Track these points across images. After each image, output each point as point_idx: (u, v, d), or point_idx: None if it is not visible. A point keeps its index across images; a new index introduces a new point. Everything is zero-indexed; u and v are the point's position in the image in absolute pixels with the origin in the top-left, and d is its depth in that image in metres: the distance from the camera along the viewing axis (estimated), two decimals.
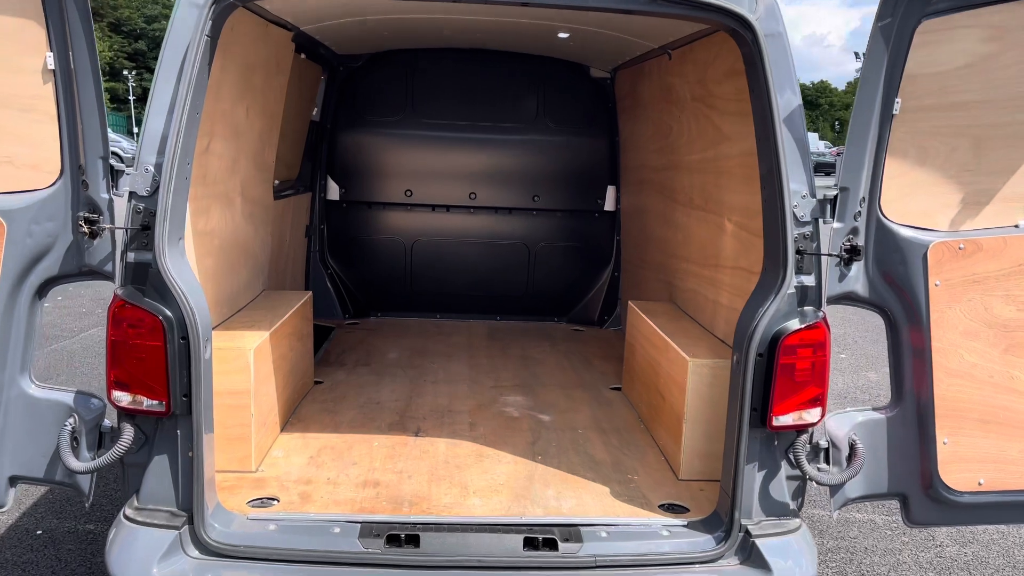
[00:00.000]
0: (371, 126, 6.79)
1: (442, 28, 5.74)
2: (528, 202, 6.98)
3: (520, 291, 7.14)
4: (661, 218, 5.61)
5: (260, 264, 4.93)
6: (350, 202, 6.91)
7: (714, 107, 4.38)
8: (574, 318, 7.20)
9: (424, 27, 5.71)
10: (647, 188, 6.02)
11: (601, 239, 7.11)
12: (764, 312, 3.25)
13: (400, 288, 7.07)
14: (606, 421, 4.72)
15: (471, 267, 7.07)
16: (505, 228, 7.05)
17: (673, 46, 4.91)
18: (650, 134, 5.83)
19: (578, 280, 7.16)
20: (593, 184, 6.98)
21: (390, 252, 7.02)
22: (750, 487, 3.36)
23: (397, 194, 6.91)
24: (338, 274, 7.01)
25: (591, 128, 6.90)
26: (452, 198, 6.94)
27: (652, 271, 5.87)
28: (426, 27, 5.71)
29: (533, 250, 7.08)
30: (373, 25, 5.59)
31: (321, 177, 6.82)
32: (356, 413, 4.68)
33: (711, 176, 4.51)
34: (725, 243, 4.28)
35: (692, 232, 4.87)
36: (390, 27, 5.71)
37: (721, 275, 4.32)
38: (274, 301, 4.77)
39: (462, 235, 7.03)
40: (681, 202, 5.11)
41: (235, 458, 3.79)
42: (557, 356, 6.08)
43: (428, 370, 5.59)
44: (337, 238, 6.97)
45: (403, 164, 6.87)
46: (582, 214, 7.06)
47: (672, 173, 5.32)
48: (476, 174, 6.91)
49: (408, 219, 6.99)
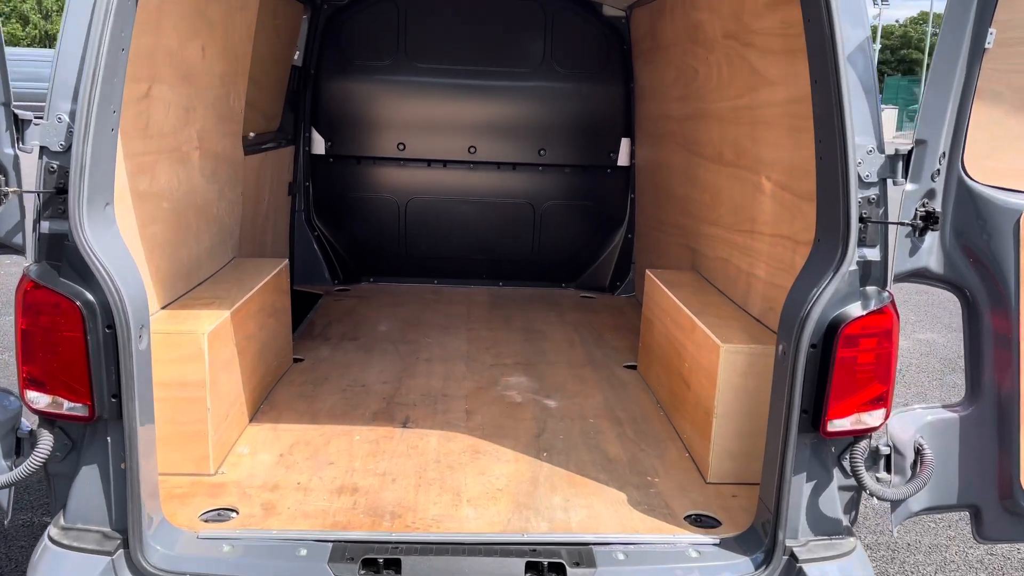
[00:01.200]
0: (359, 72, 6.13)
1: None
2: (533, 156, 6.33)
3: (525, 255, 6.54)
4: (683, 175, 4.98)
5: (227, 229, 4.34)
6: (337, 156, 6.28)
7: (752, 45, 3.72)
8: (583, 284, 6.60)
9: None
10: (667, 141, 5.37)
11: (614, 197, 6.48)
12: (819, 294, 2.66)
13: (393, 251, 6.47)
14: (620, 407, 4.16)
15: (471, 228, 6.46)
16: (508, 185, 6.42)
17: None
18: (671, 79, 5.17)
19: (588, 243, 6.55)
20: (605, 136, 6.33)
21: (382, 212, 6.41)
22: (796, 502, 2.81)
23: (389, 148, 6.28)
24: (325, 236, 6.42)
25: (603, 74, 6.22)
26: (449, 152, 6.30)
27: (672, 235, 5.26)
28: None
29: (539, 210, 6.46)
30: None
31: (305, 129, 6.18)
32: (337, 399, 4.13)
33: (746, 127, 3.87)
34: (763, 206, 3.67)
35: (721, 192, 4.24)
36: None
37: (757, 243, 3.71)
38: (243, 272, 4.19)
39: (461, 193, 6.41)
40: (708, 157, 4.47)
41: (190, 459, 3.25)
42: (565, 328, 5.50)
43: (422, 345, 5.02)
44: (324, 197, 6.36)
45: (395, 114, 6.22)
46: (593, 170, 6.42)
47: (697, 124, 4.67)
48: (476, 126, 6.26)
49: (401, 176, 6.37)
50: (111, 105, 2.59)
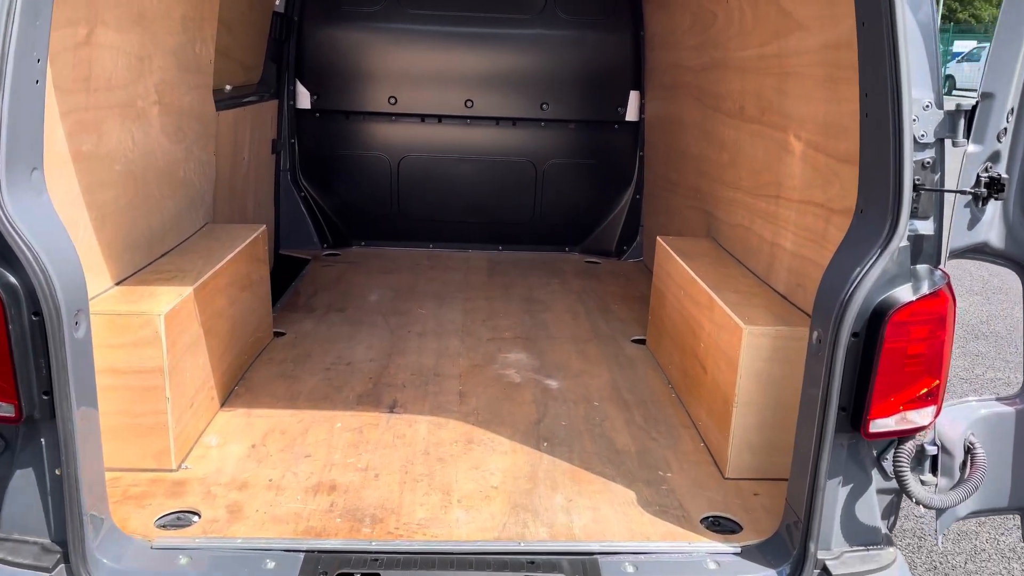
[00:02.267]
0: (347, 18, 5.67)
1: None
2: (535, 111, 5.90)
3: (525, 217, 6.15)
4: (699, 131, 4.56)
5: (198, 192, 3.95)
6: (324, 111, 5.85)
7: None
8: (588, 248, 6.22)
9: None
10: (681, 94, 4.94)
11: (621, 155, 6.05)
12: (862, 274, 2.29)
13: (385, 213, 6.08)
14: (628, 389, 3.81)
15: (468, 189, 6.06)
16: (508, 142, 6.00)
17: None
18: (687, 26, 4.71)
19: (593, 204, 6.14)
20: (613, 89, 5.88)
21: (373, 171, 6.00)
22: (830, 508, 2.47)
23: (380, 102, 5.84)
24: (312, 197, 6.02)
25: (611, 21, 5.75)
26: (445, 106, 5.86)
27: (685, 197, 4.86)
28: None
29: (541, 168, 6.04)
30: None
31: (289, 82, 5.74)
32: (319, 380, 3.78)
33: (772, 78, 3.45)
34: (791, 168, 3.26)
35: (742, 151, 3.83)
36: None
37: (784, 210, 3.32)
38: (215, 240, 3.82)
39: (457, 151, 5.99)
40: (727, 112, 4.05)
41: (149, 454, 2.92)
42: (568, 298, 5.14)
43: (414, 318, 4.66)
44: (310, 154, 5.94)
45: (386, 65, 5.77)
46: (599, 125, 5.99)
47: (715, 75, 4.24)
48: (473, 78, 5.81)
49: (393, 132, 5.94)
50: (34, 52, 2.19)
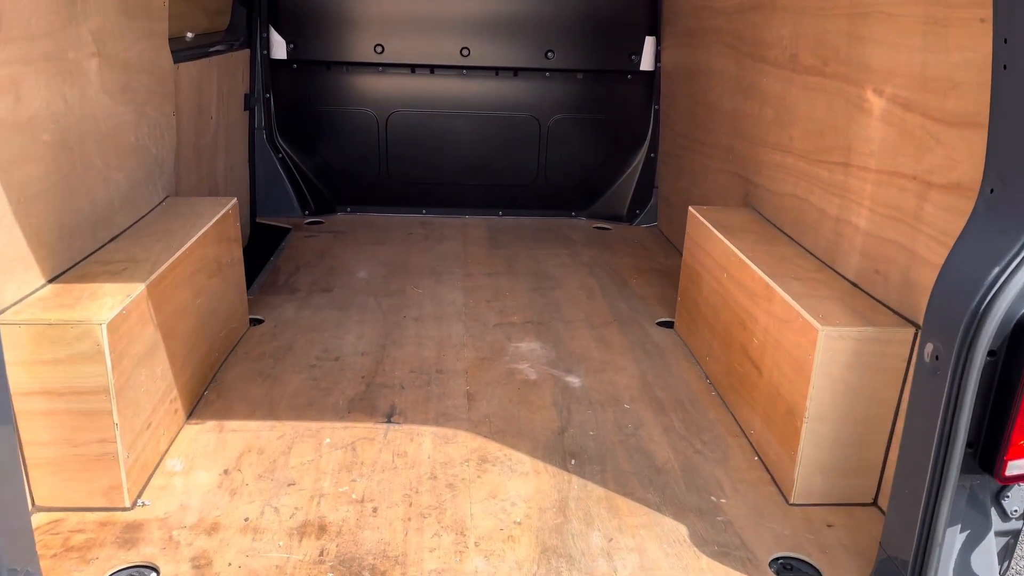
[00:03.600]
0: None
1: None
2: (539, 60, 5.28)
3: (529, 178, 5.57)
4: (733, 83, 3.98)
5: (154, 160, 3.35)
6: (302, 62, 5.20)
7: None
8: (597, 212, 5.66)
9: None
10: (709, 40, 4.34)
11: (634, 109, 5.46)
12: (1004, 276, 1.77)
13: (373, 176, 5.48)
14: (661, 385, 3.31)
15: (464, 147, 5.47)
16: (509, 95, 5.39)
17: None
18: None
19: (604, 163, 5.57)
20: (625, 34, 5.27)
21: (358, 128, 5.38)
22: (945, 561, 1.99)
23: (364, 50, 5.19)
24: (292, 159, 5.41)
25: None
26: (437, 55, 5.23)
27: (713, 158, 4.30)
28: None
29: (545, 124, 5.45)
30: None
31: (261, 28, 5.07)
32: (303, 380, 3.25)
33: (841, 21, 2.87)
34: (867, 130, 2.71)
35: (794, 108, 3.26)
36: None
37: (855, 180, 2.77)
38: (176, 217, 3.24)
39: (452, 105, 5.38)
40: (773, 61, 3.47)
41: (97, 491, 2.39)
42: (579, 271, 4.60)
43: (409, 298, 4.12)
44: (287, 111, 5.31)
45: (371, 9, 5.12)
46: (610, 76, 5.38)
47: (757, 17, 3.64)
48: (468, 22, 5.18)
49: (380, 84, 5.31)
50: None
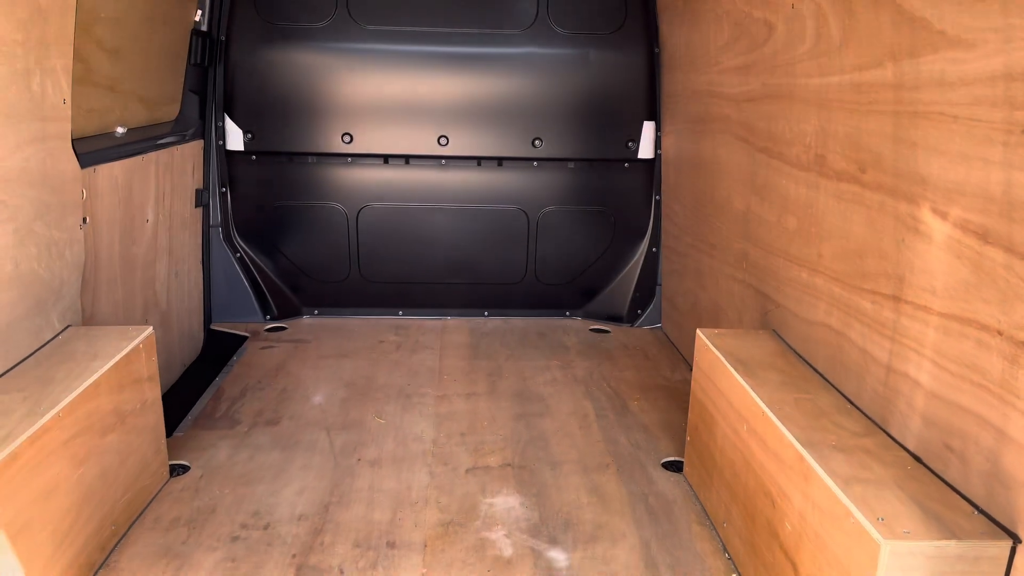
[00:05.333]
0: (287, 37, 4.53)
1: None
2: (526, 148, 4.76)
3: (517, 276, 5.00)
4: (745, 181, 3.42)
5: (46, 286, 2.77)
6: (261, 153, 4.70)
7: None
8: (595, 312, 5.07)
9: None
10: (716, 129, 3.80)
11: (633, 200, 4.92)
12: None
13: (342, 276, 4.92)
14: (669, 562, 2.65)
15: (445, 244, 4.92)
16: (493, 186, 4.87)
17: None
18: (723, 41, 3.58)
19: (600, 259, 5.00)
20: (621, 120, 4.76)
21: (326, 225, 4.85)
22: None
23: (331, 140, 4.69)
24: (251, 258, 4.85)
25: (617, 35, 4.63)
26: (413, 145, 4.72)
27: (724, 262, 3.71)
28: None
29: (535, 217, 4.91)
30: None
31: (216, 117, 4.58)
32: (218, 562, 2.60)
33: (885, 120, 2.30)
34: (925, 259, 2.12)
35: (823, 218, 2.69)
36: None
37: (912, 322, 2.17)
38: (64, 360, 2.64)
39: (429, 197, 4.85)
40: (794, 161, 2.91)
41: None
42: (573, 389, 3.98)
43: (368, 433, 3.50)
44: (246, 206, 4.78)
45: (338, 94, 4.63)
46: (605, 165, 4.86)
47: (772, 108, 3.10)
48: (447, 109, 4.68)
49: (350, 177, 4.79)
50: None
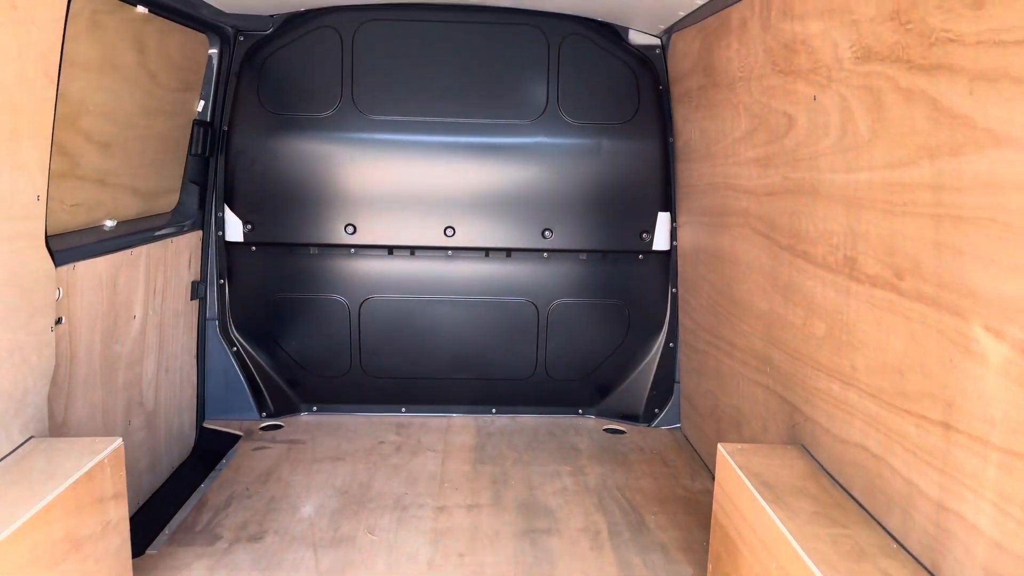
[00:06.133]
0: (290, 127, 4.42)
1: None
2: (535, 239, 4.57)
3: (527, 371, 4.75)
4: (767, 279, 3.18)
5: (7, 396, 2.56)
6: (261, 244, 4.54)
7: (950, 68, 1.94)
8: (609, 410, 4.79)
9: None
10: (734, 223, 3.59)
11: (648, 293, 4.69)
12: None
13: (343, 371, 4.69)
14: None
15: (451, 337, 4.69)
16: (501, 278, 4.66)
17: None
18: (741, 132, 3.41)
19: (614, 354, 4.75)
20: (635, 210, 4.57)
21: (327, 317, 4.64)
22: None
23: (334, 231, 4.53)
24: (248, 352, 4.64)
25: (630, 124, 4.49)
26: (419, 236, 4.55)
27: (746, 365, 3.44)
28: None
29: (545, 310, 4.68)
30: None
31: (216, 208, 4.45)
32: None
33: (921, 223, 2.08)
34: (982, 384, 1.85)
35: (856, 326, 2.43)
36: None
37: (969, 455, 1.89)
38: (17, 479, 2.40)
39: (435, 290, 4.65)
40: (820, 261, 2.67)
41: None
42: (584, 502, 3.67)
43: (359, 552, 3.19)
44: (245, 298, 4.60)
45: (341, 185, 4.49)
46: (618, 256, 4.65)
47: (795, 204, 2.89)
48: (454, 199, 4.52)
49: (352, 268, 4.61)
50: None
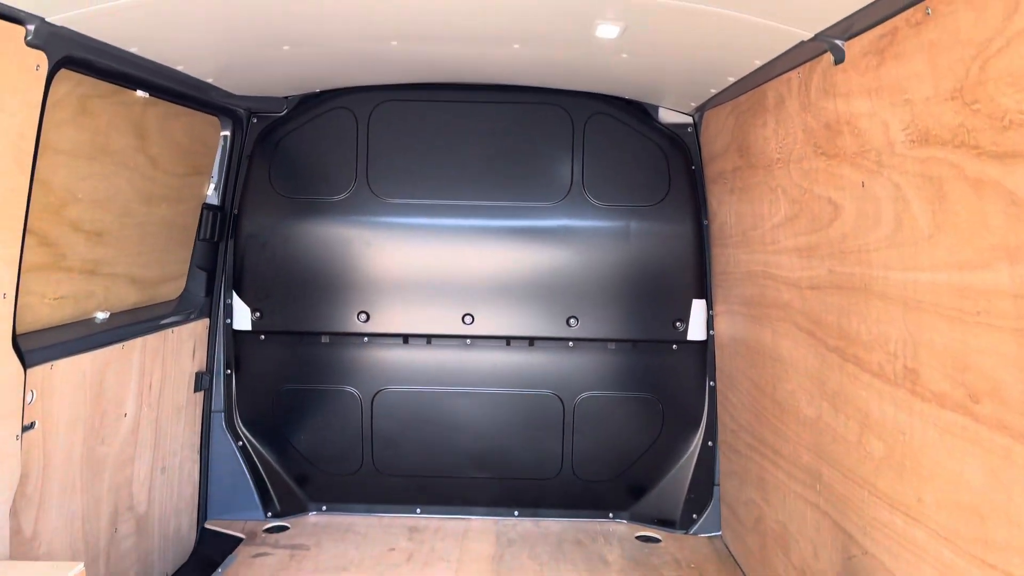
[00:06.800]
0: (301, 211, 4.24)
1: (413, 54, 3.29)
2: (560, 328, 4.27)
3: (552, 470, 4.38)
4: (813, 381, 2.82)
5: None
6: (270, 333, 4.31)
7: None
8: (642, 514, 4.38)
9: (382, 55, 3.29)
10: (772, 315, 3.25)
11: (683, 386, 4.33)
12: None
13: (354, 467, 4.38)
14: None
15: (470, 432, 4.37)
16: (523, 369, 4.35)
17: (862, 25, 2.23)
18: (780, 218, 3.10)
19: (648, 453, 4.36)
20: (667, 297, 4.25)
21: (338, 410, 4.36)
22: None
23: (346, 319, 4.28)
24: (254, 447, 4.37)
25: (660, 206, 4.22)
26: (435, 324, 4.28)
27: (790, 476, 3.05)
28: (386, 55, 3.29)
29: (571, 403, 4.34)
30: (293, 57, 3.21)
31: (224, 295, 4.25)
32: None
33: (1005, 340, 1.73)
34: None
35: (921, 451, 2.06)
36: (327, 59, 3.31)
37: None
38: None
39: (453, 381, 4.35)
40: (875, 370, 2.32)
41: None
42: None
43: None
44: (252, 390, 4.35)
45: (354, 271, 4.26)
46: (650, 346, 4.31)
47: (841, 299, 2.55)
48: (473, 285, 4.26)
49: (365, 357, 4.35)
50: None
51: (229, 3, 2.53)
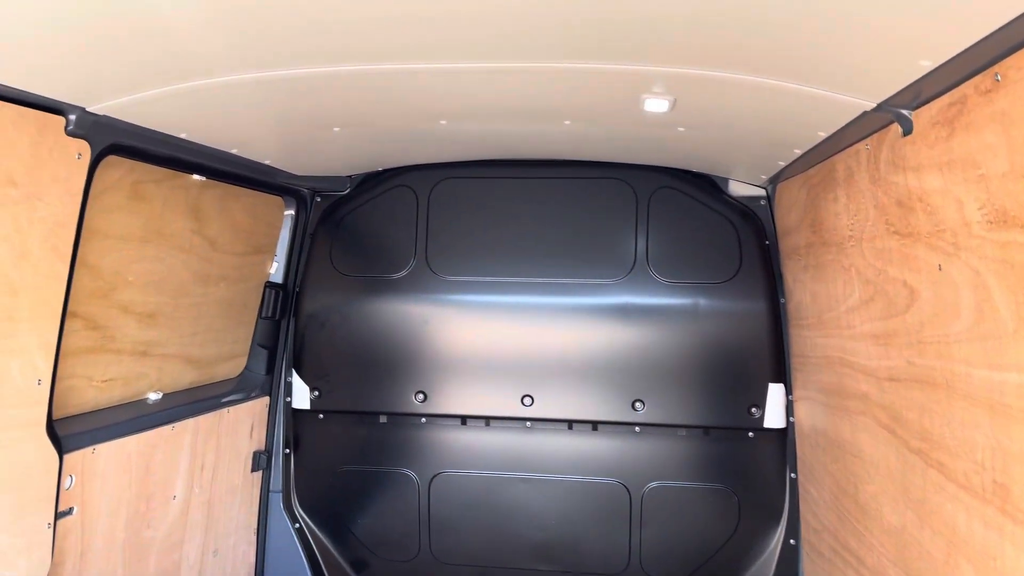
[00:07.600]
0: (360, 289, 4.20)
1: (464, 132, 3.26)
2: (625, 412, 4.03)
3: (619, 565, 4.09)
4: (896, 489, 2.50)
5: None
6: (328, 412, 4.25)
7: None
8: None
9: (434, 133, 3.25)
10: (850, 408, 2.94)
11: (761, 477, 3.99)
12: None
13: (411, 553, 4.21)
14: None
15: (530, 521, 4.14)
16: (587, 455, 4.12)
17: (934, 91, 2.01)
18: (854, 300, 2.82)
19: (722, 550, 4.02)
20: (741, 381, 3.96)
21: (395, 493, 4.23)
22: None
23: (403, 399, 4.18)
24: (311, 529, 4.27)
25: (732, 284, 3.97)
26: (495, 405, 4.12)
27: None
28: (438, 133, 3.25)
29: (638, 493, 4.07)
30: (355, 137, 3.23)
31: (284, 374, 4.23)
32: None
33: None
34: None
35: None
36: (380, 138, 3.31)
37: None
38: None
39: (513, 466, 4.16)
40: (961, 482, 2.01)
41: None
42: None
43: None
44: (310, 470, 4.28)
45: (412, 350, 4.17)
46: (723, 433, 4.01)
47: (920, 395, 2.25)
48: (533, 366, 4.09)
49: (422, 439, 4.22)
50: None
51: (273, 88, 2.53)
